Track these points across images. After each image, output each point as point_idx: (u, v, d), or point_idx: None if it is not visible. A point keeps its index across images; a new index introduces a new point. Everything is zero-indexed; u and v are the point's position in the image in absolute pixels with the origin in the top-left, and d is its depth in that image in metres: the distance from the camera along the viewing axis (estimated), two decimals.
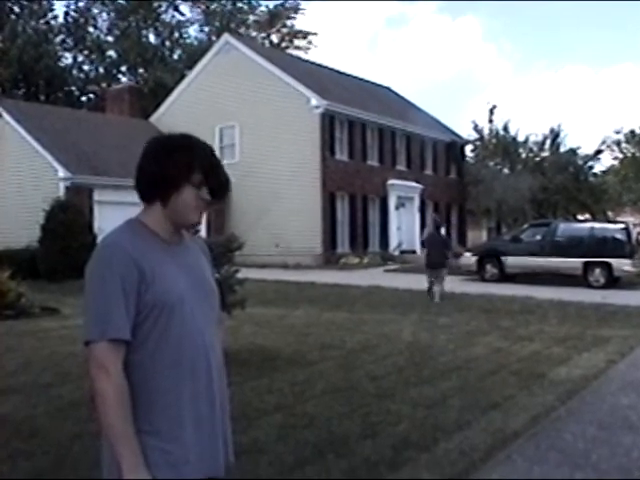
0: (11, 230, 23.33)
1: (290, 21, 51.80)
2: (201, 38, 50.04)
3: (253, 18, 51.41)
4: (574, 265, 19.74)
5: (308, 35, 52.03)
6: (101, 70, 46.70)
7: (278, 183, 28.35)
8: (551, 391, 7.21)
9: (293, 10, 51.45)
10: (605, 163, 53.95)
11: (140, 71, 46.79)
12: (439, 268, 16.25)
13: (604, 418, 6.33)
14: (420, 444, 5.34)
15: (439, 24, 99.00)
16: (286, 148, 28.31)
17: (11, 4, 43.27)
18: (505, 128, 39.82)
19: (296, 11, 51.59)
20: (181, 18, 49.60)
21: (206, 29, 50.70)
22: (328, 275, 21.83)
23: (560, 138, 40.19)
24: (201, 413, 2.12)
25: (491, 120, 39.80)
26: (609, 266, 19.45)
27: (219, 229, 26.39)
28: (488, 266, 21.19)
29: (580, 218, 37.22)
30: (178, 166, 2.11)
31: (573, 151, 40.33)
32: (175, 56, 48.19)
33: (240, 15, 50.71)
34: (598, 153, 42.06)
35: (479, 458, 5.12)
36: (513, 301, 15.65)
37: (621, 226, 21.07)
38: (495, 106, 40.14)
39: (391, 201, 31.33)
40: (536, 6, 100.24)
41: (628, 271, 19.64)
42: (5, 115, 25.14)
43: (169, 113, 31.97)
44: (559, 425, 6.09)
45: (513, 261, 20.74)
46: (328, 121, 28.21)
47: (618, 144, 57.99)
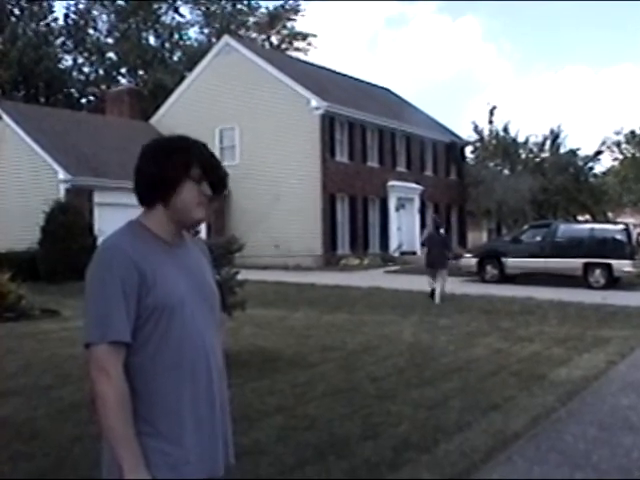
0: (11, 232, 23.32)
1: (290, 23, 51.89)
2: (201, 40, 50.11)
3: (253, 20, 51.46)
4: (574, 266, 19.74)
5: (308, 37, 52.09)
6: (101, 72, 46.75)
7: (278, 184, 28.34)
8: (551, 392, 7.22)
9: (293, 12, 51.49)
10: (605, 164, 54.13)
11: (140, 73, 46.83)
12: (439, 268, 16.26)
13: (604, 419, 6.34)
14: (421, 445, 5.34)
15: (439, 24, 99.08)
16: (286, 149, 28.31)
17: (11, 6, 43.33)
18: (505, 129, 39.84)
19: (296, 13, 51.65)
20: (181, 20, 49.76)
21: (206, 31, 50.77)
22: (328, 276, 21.83)
23: (560, 139, 40.23)
24: (201, 415, 2.11)
25: (491, 121, 39.84)
26: (609, 267, 19.46)
27: (219, 231, 26.37)
28: (488, 267, 21.20)
29: (580, 219, 37.24)
30: (176, 165, 2.12)
31: (573, 152, 40.33)
32: (175, 58, 48.22)
33: (240, 17, 50.75)
34: (598, 154, 42.09)
35: (479, 459, 5.13)
36: (513, 302, 15.65)
37: (621, 227, 21.08)
38: (495, 107, 40.22)
39: (391, 202, 31.33)
40: (536, 6, 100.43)
41: (628, 272, 19.66)
42: (5, 117, 25.14)
43: (169, 115, 31.96)
44: (559, 426, 6.09)
45: (513, 262, 20.74)
46: (328, 122, 28.22)
47: (618, 145, 58.02)
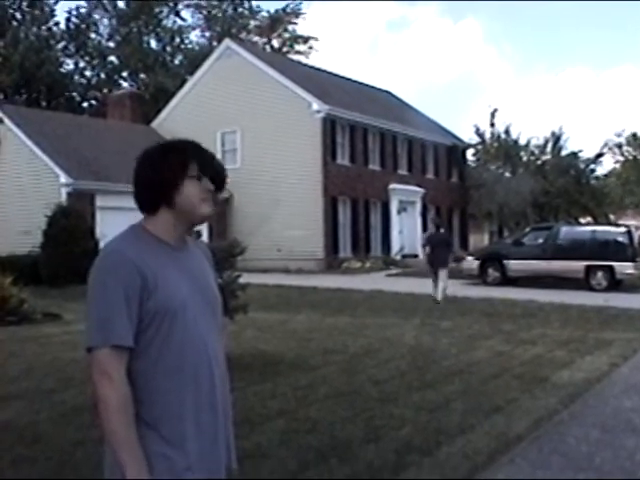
0: (13, 236, 23.34)
1: (291, 26, 51.93)
2: (202, 43, 50.18)
3: (254, 23, 51.51)
4: (576, 268, 19.73)
5: (309, 40, 52.17)
6: (102, 76, 46.78)
7: (280, 188, 28.36)
8: (554, 394, 7.21)
9: (294, 15, 51.55)
10: (607, 166, 54.13)
11: (141, 76, 46.87)
12: (441, 267, 16.27)
13: (607, 421, 6.33)
14: (423, 448, 5.33)
15: (440, 27, 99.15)
16: (288, 153, 28.33)
17: (13, 11, 43.40)
18: (506, 131, 39.81)
19: (297, 16, 51.71)
20: (182, 23, 49.83)
21: (207, 34, 50.88)
22: (330, 280, 21.83)
23: (561, 141, 40.19)
24: (203, 419, 2.11)
25: (492, 123, 39.80)
26: (611, 269, 19.45)
27: (221, 234, 26.39)
28: (490, 270, 21.20)
29: (582, 221, 37.16)
30: (174, 166, 2.12)
31: (575, 154, 40.29)
32: (176, 61, 48.27)
33: (241, 20, 50.83)
34: (600, 156, 42.03)
35: (482, 462, 5.12)
36: (515, 305, 15.65)
37: (623, 229, 21.08)
38: (496, 109, 40.13)
39: (393, 205, 31.34)
40: (537, 8, 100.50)
41: (630, 274, 19.66)
42: (7, 121, 25.13)
43: (170, 118, 32.01)
44: (562, 428, 6.08)
45: (515, 265, 20.73)
46: (329, 125, 28.25)
47: (619, 147, 58.14)
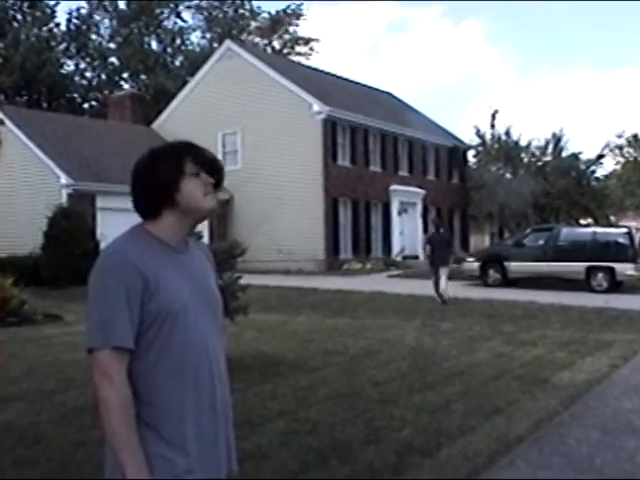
0: (14, 237, 23.35)
1: (292, 27, 51.95)
2: (203, 44, 50.22)
3: (255, 24, 51.53)
4: (577, 269, 19.71)
5: (310, 41, 52.17)
6: (103, 77, 46.83)
7: (280, 189, 28.36)
8: (554, 396, 7.20)
9: (295, 16, 51.57)
10: (607, 167, 54.00)
11: (142, 78, 46.89)
12: (441, 265, 16.32)
13: (607, 422, 6.33)
14: (423, 449, 5.33)
15: (441, 29, 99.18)
16: (288, 154, 28.34)
17: (14, 12, 43.44)
18: (507, 133, 39.75)
19: (298, 17, 51.72)
20: (183, 25, 49.88)
21: (208, 35, 50.89)
22: (330, 281, 21.82)
23: (562, 142, 40.12)
24: (204, 420, 2.11)
25: (493, 125, 39.74)
26: (612, 270, 19.43)
27: (221, 235, 26.40)
28: (491, 271, 21.18)
29: (583, 222, 37.14)
30: (170, 168, 2.12)
31: (575, 155, 40.25)
32: (177, 62, 48.31)
33: (242, 21, 50.85)
34: (600, 157, 41.98)
35: (482, 463, 5.12)
36: (516, 306, 15.64)
37: (624, 230, 21.07)
38: (497, 111, 40.10)
39: (394, 207, 31.34)
40: (538, 10, 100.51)
41: (631, 275, 19.64)
42: (8, 122, 25.12)
43: (171, 120, 32.02)
44: (562, 430, 6.08)
45: (516, 266, 20.71)
46: (330, 127, 28.25)
47: (620, 148, 58.10)
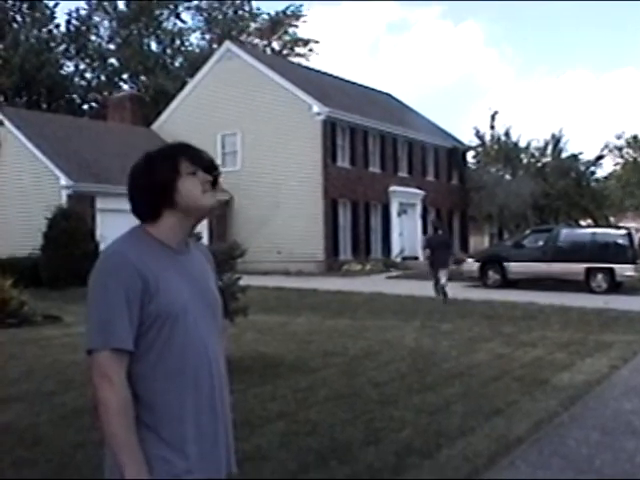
0: (13, 238, 23.34)
1: (291, 28, 51.94)
2: (202, 45, 50.19)
3: (254, 25, 51.51)
4: (576, 270, 19.72)
5: (309, 42, 52.14)
6: (103, 78, 46.79)
7: (280, 190, 28.36)
8: (554, 397, 7.20)
9: (294, 17, 51.57)
10: (607, 168, 53.95)
11: (142, 79, 46.86)
12: (440, 267, 16.33)
13: (607, 423, 6.33)
14: (423, 450, 5.33)
15: (440, 29, 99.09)
16: (288, 155, 28.34)
17: (13, 13, 43.43)
18: (507, 134, 39.79)
19: (297, 18, 51.72)
20: (183, 26, 49.80)
21: (207, 37, 50.87)
22: (330, 282, 21.82)
23: (562, 143, 40.15)
24: (203, 421, 2.11)
25: (493, 126, 39.77)
26: (611, 271, 19.44)
27: (221, 236, 26.40)
28: (490, 272, 21.19)
29: (582, 224, 37.16)
30: (166, 169, 2.11)
31: (575, 156, 40.27)
32: (177, 64, 48.28)
33: (242, 22, 50.83)
34: (600, 158, 42.02)
35: (482, 464, 5.12)
36: (515, 307, 15.64)
37: (623, 231, 21.10)
38: (497, 112, 40.18)
39: (393, 208, 31.34)
40: (537, 11, 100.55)
41: (630, 276, 19.66)
42: (7, 123, 25.13)
43: (171, 121, 32.01)
44: (562, 431, 6.08)
45: (515, 267, 20.73)
46: (330, 128, 28.25)
47: (620, 149, 58.09)
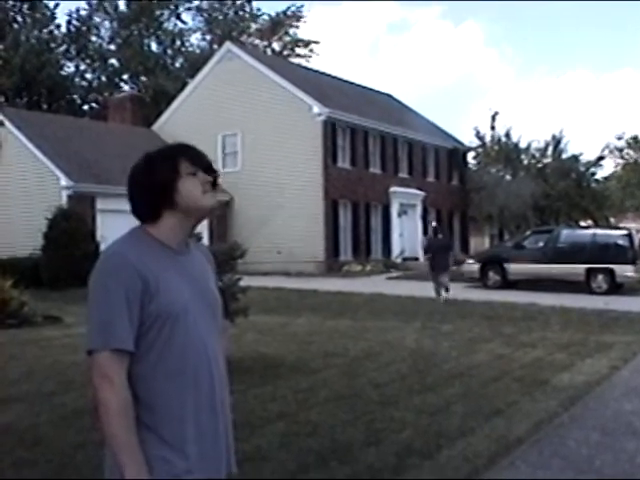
0: (14, 238, 23.35)
1: (292, 29, 51.94)
2: (203, 46, 50.19)
3: (255, 26, 51.51)
4: (577, 271, 19.72)
5: (309, 43, 52.13)
6: (103, 78, 46.81)
7: (280, 190, 28.35)
8: (554, 397, 7.21)
9: (295, 18, 51.57)
10: (607, 169, 53.93)
11: (142, 79, 46.87)
12: (441, 271, 16.35)
13: (607, 424, 6.33)
14: (423, 451, 5.34)
15: (441, 30, 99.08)
16: (288, 156, 28.33)
17: (14, 13, 43.45)
18: (507, 134, 39.79)
19: (298, 19, 51.72)
20: (183, 26, 49.84)
21: (208, 37, 50.87)
22: (330, 283, 21.82)
23: (562, 144, 40.13)
24: (203, 421, 2.11)
25: (493, 127, 39.77)
26: (612, 272, 19.43)
27: (221, 237, 26.40)
28: (491, 273, 21.18)
29: (582, 224, 37.15)
30: (166, 170, 2.12)
31: (575, 157, 40.26)
32: (177, 64, 48.30)
33: (242, 23, 50.84)
34: (600, 159, 42.00)
35: (482, 464, 5.12)
36: (515, 308, 15.64)
37: (624, 232, 21.10)
38: (497, 113, 40.12)
39: (393, 208, 31.33)
40: (537, 11, 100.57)
41: (631, 277, 19.65)
42: (7, 124, 25.13)
43: (171, 121, 32.01)
44: (562, 431, 6.08)
45: (516, 268, 20.72)
46: (330, 129, 28.25)
47: (620, 150, 58.08)
